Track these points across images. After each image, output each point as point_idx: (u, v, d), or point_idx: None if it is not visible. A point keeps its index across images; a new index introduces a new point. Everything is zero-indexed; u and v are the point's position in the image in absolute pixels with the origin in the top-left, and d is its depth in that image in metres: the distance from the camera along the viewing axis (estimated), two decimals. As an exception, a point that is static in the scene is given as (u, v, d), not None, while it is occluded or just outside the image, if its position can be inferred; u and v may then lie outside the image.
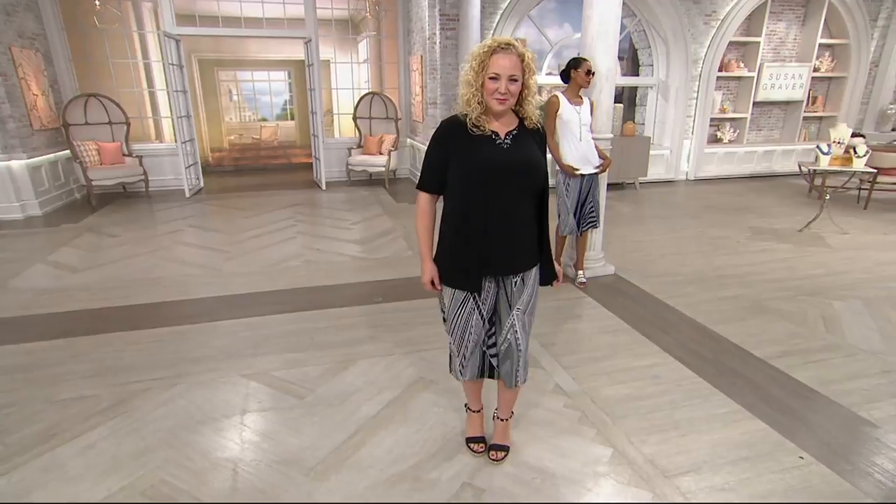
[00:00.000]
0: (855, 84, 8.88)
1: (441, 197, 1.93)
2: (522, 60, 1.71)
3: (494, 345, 2.04)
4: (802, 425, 2.36)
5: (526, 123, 1.83)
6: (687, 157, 8.52)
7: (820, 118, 9.23)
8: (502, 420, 2.18)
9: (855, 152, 5.32)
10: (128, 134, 7.59)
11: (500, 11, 7.25)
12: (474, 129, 1.77)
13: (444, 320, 2.04)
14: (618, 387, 2.66)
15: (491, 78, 1.70)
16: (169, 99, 7.75)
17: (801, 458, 2.15)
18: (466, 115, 1.78)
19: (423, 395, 2.60)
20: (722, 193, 7.58)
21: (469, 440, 2.22)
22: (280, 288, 4.01)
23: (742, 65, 8.42)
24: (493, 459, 2.11)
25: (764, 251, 4.82)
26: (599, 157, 3.71)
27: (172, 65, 7.26)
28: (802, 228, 5.42)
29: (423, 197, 1.91)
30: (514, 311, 1.91)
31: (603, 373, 2.79)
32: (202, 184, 8.10)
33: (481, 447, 2.19)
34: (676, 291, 3.88)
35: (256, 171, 10.05)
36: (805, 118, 8.96)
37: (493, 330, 2.02)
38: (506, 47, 1.69)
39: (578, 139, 3.57)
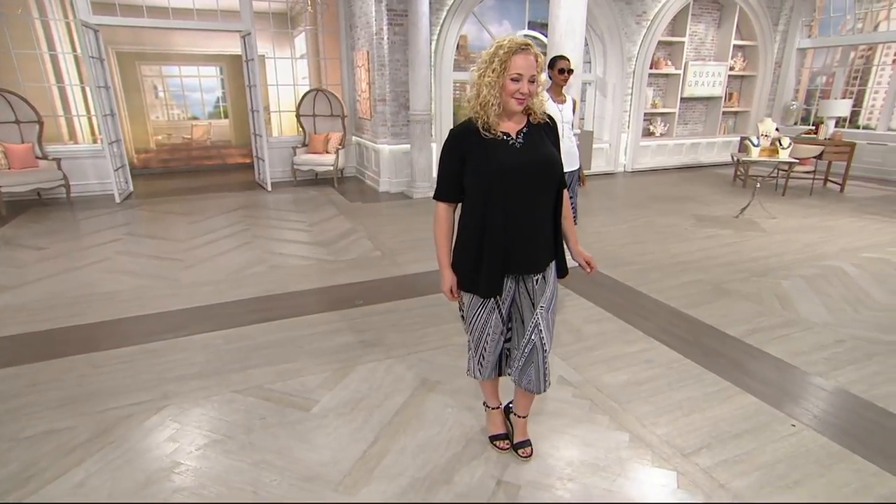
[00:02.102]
0: (763, 82, 9.77)
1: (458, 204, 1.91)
2: (537, 61, 1.72)
3: (509, 340, 2.05)
4: (785, 395, 2.59)
5: (532, 119, 1.84)
6: (624, 150, 8.99)
7: (735, 113, 10.09)
8: (522, 417, 2.19)
9: (780, 144, 5.86)
10: (41, 134, 6.85)
11: (447, 8, 7.25)
12: (486, 134, 1.76)
13: (463, 318, 2.04)
14: (616, 373, 2.77)
15: (512, 79, 1.69)
16: (91, 96, 7.06)
17: (793, 425, 2.35)
18: (478, 118, 1.77)
19: (433, 397, 2.57)
20: (659, 184, 8.07)
21: (493, 437, 2.23)
22: (251, 296, 3.79)
23: (669, 63, 9.01)
24: (525, 456, 2.13)
25: (710, 237, 5.20)
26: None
27: (92, 58, 6.63)
28: (738, 214, 5.90)
29: (441, 206, 1.90)
30: (538, 310, 1.90)
31: (599, 361, 2.90)
32: (132, 188, 7.47)
33: (506, 443, 2.20)
34: (644, 279, 4.09)
35: (189, 173, 9.40)
36: (724, 113, 9.75)
37: (510, 326, 2.03)
38: (525, 48, 1.69)
39: (561, 137, 3.66)
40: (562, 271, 1.99)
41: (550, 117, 1.90)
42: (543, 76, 1.79)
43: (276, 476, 2.05)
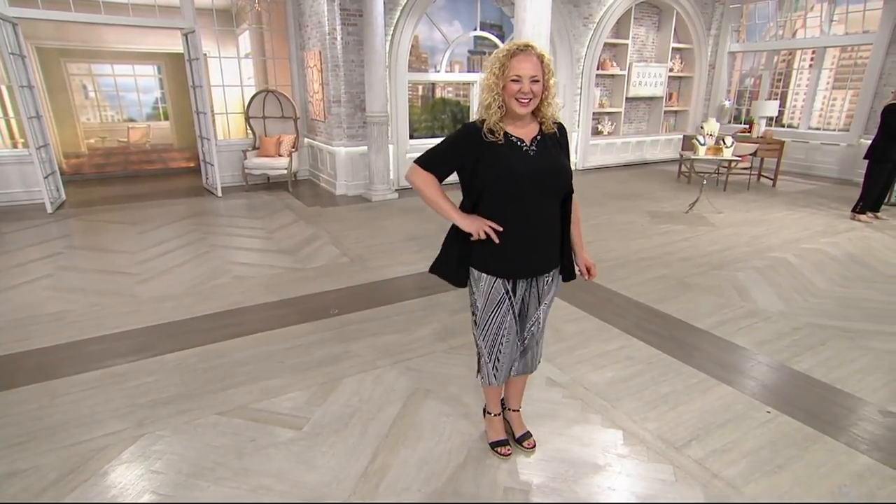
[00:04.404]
0: (699, 83, 10.34)
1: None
2: (542, 62, 1.74)
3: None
4: (758, 384, 2.75)
5: (544, 128, 1.86)
6: (575, 149, 9.25)
7: (675, 112, 10.63)
8: (516, 411, 2.29)
9: (724, 143, 6.23)
10: (-46, 139, 6.21)
11: (400, 8, 7.18)
12: (488, 136, 1.77)
13: (475, 323, 2.03)
14: (601, 371, 2.85)
15: (513, 80, 1.71)
16: (9, 96, 6.46)
17: (769, 412, 2.51)
18: (485, 120, 1.78)
19: (427, 406, 2.54)
20: (610, 181, 8.37)
21: (494, 444, 2.23)
22: (219, 310, 3.61)
23: (615, 64, 9.35)
24: (530, 448, 2.21)
25: (666, 233, 5.45)
26: None
27: (13, 54, 6.07)
28: (688, 210, 6.22)
29: (421, 172, 1.86)
30: (542, 306, 2.01)
31: (583, 360, 2.97)
32: (64, 196, 6.91)
33: (508, 449, 2.21)
34: (612, 276, 4.23)
35: (127, 179, 8.81)
36: (665, 112, 10.25)
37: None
38: (525, 49, 1.72)
39: None
40: (568, 275, 2.04)
41: (561, 125, 1.92)
42: (554, 80, 1.79)
43: (279, 500, 1.96)
